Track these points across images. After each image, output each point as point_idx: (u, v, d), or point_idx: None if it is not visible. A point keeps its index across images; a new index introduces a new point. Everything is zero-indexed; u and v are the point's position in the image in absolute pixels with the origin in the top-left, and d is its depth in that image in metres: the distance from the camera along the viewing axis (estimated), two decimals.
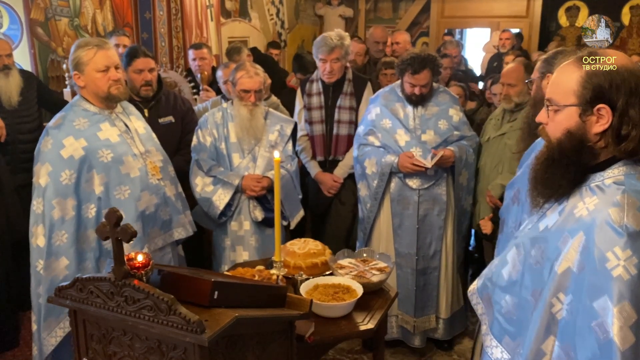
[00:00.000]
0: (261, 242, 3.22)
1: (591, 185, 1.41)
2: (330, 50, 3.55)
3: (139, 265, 1.51)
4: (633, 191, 1.33)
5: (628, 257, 1.27)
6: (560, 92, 1.43)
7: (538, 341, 1.40)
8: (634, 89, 1.35)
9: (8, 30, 4.47)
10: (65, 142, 2.47)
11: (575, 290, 1.34)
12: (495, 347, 1.59)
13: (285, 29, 8.32)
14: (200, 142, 3.23)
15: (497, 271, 1.61)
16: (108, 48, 2.54)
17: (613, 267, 1.28)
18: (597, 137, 1.39)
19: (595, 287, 1.29)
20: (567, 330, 1.35)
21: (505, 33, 6.61)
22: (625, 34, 7.99)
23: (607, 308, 1.27)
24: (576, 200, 1.42)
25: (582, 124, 1.39)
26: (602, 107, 1.36)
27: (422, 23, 9.13)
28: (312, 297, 2.13)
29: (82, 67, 2.50)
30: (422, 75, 3.09)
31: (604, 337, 1.27)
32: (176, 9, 5.63)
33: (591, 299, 1.30)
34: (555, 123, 1.45)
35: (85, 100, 2.57)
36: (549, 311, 1.39)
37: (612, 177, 1.38)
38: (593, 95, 1.37)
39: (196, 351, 1.42)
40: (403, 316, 3.33)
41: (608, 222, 1.31)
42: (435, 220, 3.22)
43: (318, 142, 3.75)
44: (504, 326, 1.56)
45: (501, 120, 3.42)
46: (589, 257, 1.31)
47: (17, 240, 3.48)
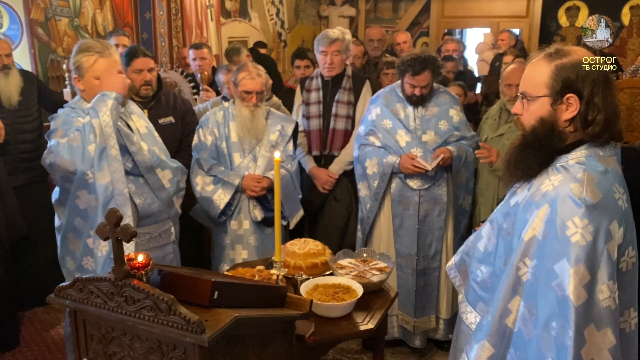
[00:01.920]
0: (260, 241, 3.22)
1: (557, 166, 1.58)
2: (331, 42, 3.57)
3: (139, 265, 1.51)
4: (592, 170, 1.52)
5: (585, 226, 1.45)
6: (533, 85, 1.60)
7: (505, 300, 1.57)
8: (597, 79, 1.52)
9: (8, 30, 4.47)
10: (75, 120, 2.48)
11: (539, 255, 1.51)
12: (470, 312, 1.77)
13: (285, 29, 8.32)
14: (201, 141, 3.23)
15: (473, 245, 1.80)
16: (109, 55, 2.53)
17: (572, 234, 1.45)
18: (566, 123, 1.57)
19: (556, 252, 1.47)
20: (531, 290, 1.52)
21: (503, 34, 6.61)
22: (625, 34, 7.98)
23: (565, 269, 1.44)
24: (543, 179, 1.59)
25: (553, 112, 1.57)
26: (571, 96, 1.54)
27: (422, 23, 9.13)
28: (312, 297, 2.13)
29: (81, 72, 2.52)
30: (423, 77, 3.09)
31: (561, 294, 1.44)
32: (176, 9, 5.63)
33: (552, 262, 1.47)
34: (530, 113, 1.62)
35: (85, 102, 2.57)
36: (515, 274, 1.55)
37: (575, 158, 1.56)
38: (562, 86, 1.54)
39: (196, 351, 1.42)
40: (403, 316, 3.33)
41: (569, 196, 1.49)
42: (435, 220, 3.22)
43: (314, 137, 3.75)
44: (478, 293, 1.74)
45: (498, 120, 3.42)
46: (552, 226, 1.49)
47: (16, 240, 3.49)
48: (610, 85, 1.55)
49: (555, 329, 1.45)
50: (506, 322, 1.56)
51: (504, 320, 1.57)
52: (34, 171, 3.81)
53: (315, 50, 3.73)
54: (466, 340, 1.74)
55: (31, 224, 3.67)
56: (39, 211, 3.82)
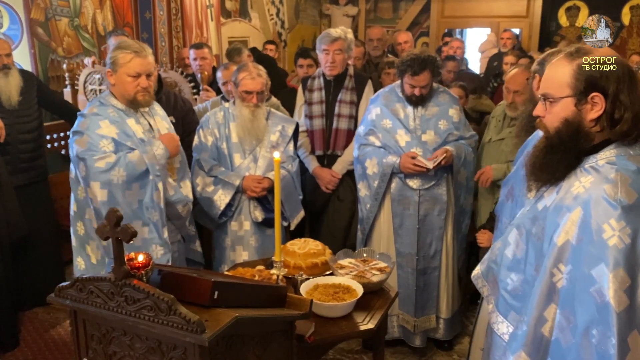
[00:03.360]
0: (261, 242, 3.22)
1: (585, 167, 1.53)
2: (332, 41, 3.57)
3: (139, 265, 1.51)
4: (624, 170, 1.46)
5: (622, 228, 1.39)
6: (555, 86, 1.55)
7: (540, 308, 1.51)
8: (621, 76, 1.48)
9: (8, 30, 4.48)
10: (101, 123, 2.62)
11: (574, 260, 1.45)
12: (501, 322, 1.70)
13: (285, 29, 8.33)
14: (202, 141, 3.23)
15: (500, 253, 1.73)
16: (145, 56, 2.66)
17: (609, 237, 1.40)
18: (592, 123, 1.52)
19: (593, 256, 1.41)
20: (567, 297, 1.45)
21: (506, 33, 6.62)
22: (625, 34, 7.99)
23: (603, 274, 1.39)
24: (572, 181, 1.53)
25: (578, 113, 1.52)
26: (596, 95, 1.49)
27: (422, 23, 9.14)
28: (312, 297, 2.13)
29: (116, 67, 2.64)
30: (422, 77, 3.09)
31: (601, 300, 1.38)
32: (176, 9, 5.63)
33: (589, 267, 1.41)
34: (553, 114, 1.57)
35: (113, 97, 2.71)
36: (549, 280, 1.49)
37: (605, 158, 1.51)
38: (586, 85, 1.49)
39: (196, 351, 1.42)
40: (403, 316, 3.33)
41: (604, 197, 1.43)
42: (435, 220, 3.22)
43: (317, 137, 3.75)
44: (509, 302, 1.67)
45: (502, 122, 3.41)
46: (586, 229, 1.43)
47: (16, 240, 3.48)
48: (635, 82, 1.50)
49: (596, 337, 1.39)
50: (542, 331, 1.51)
51: (539, 329, 1.51)
52: (34, 171, 3.81)
53: (317, 49, 3.73)
54: (499, 352, 1.68)
55: (31, 224, 3.66)
56: (39, 211, 3.82)
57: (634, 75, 1.51)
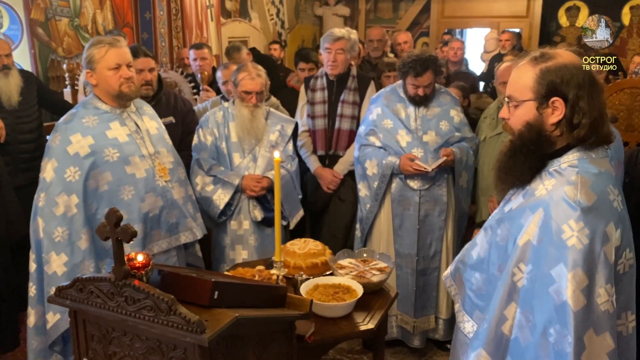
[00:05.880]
0: (260, 241, 3.22)
1: (550, 170, 1.57)
2: (335, 40, 3.58)
3: (139, 265, 1.51)
4: (585, 172, 1.51)
5: (581, 229, 1.43)
6: (519, 89, 1.60)
7: (501, 307, 1.55)
8: (581, 83, 1.52)
9: (8, 30, 4.48)
10: (72, 138, 2.48)
11: (534, 260, 1.49)
12: (467, 321, 1.75)
13: (285, 29, 8.33)
14: (201, 141, 3.23)
15: (467, 253, 1.78)
16: (120, 46, 2.54)
17: (568, 238, 1.44)
18: (552, 127, 1.56)
19: (553, 257, 1.45)
20: (527, 296, 1.49)
21: (504, 34, 6.61)
22: (625, 34, 7.99)
23: (562, 274, 1.42)
24: (537, 184, 1.58)
25: (539, 116, 1.56)
26: (556, 99, 1.53)
27: (422, 23, 9.14)
28: (312, 297, 2.13)
29: (94, 65, 2.52)
30: (425, 77, 3.10)
31: (559, 300, 1.42)
32: (176, 9, 5.63)
33: (549, 267, 1.45)
34: (516, 117, 1.62)
35: (97, 99, 2.59)
36: (511, 280, 1.53)
37: (568, 162, 1.55)
38: (547, 90, 1.54)
39: (196, 351, 1.42)
40: (403, 316, 3.33)
41: (564, 199, 1.47)
42: (435, 221, 3.22)
43: (319, 137, 3.75)
44: (474, 301, 1.72)
45: (496, 119, 3.41)
46: (546, 230, 1.47)
47: (17, 240, 3.48)
48: (596, 88, 1.54)
49: (554, 335, 1.43)
50: (502, 330, 1.54)
51: (500, 328, 1.54)
52: (34, 171, 3.78)
53: (321, 49, 3.74)
54: (463, 350, 1.72)
55: None
56: None
57: (596, 83, 1.55)
